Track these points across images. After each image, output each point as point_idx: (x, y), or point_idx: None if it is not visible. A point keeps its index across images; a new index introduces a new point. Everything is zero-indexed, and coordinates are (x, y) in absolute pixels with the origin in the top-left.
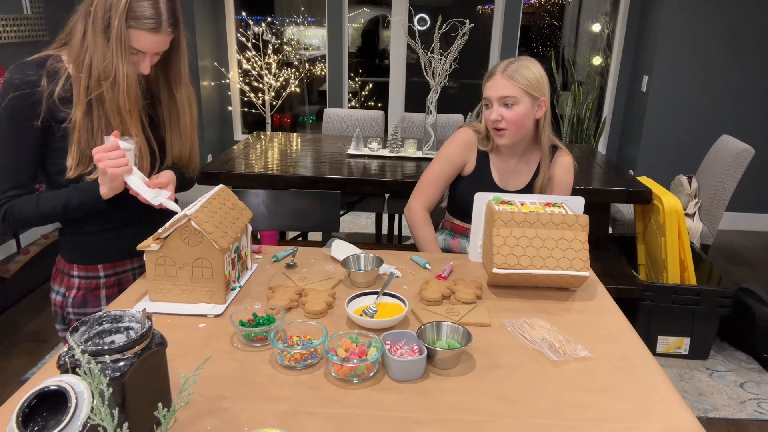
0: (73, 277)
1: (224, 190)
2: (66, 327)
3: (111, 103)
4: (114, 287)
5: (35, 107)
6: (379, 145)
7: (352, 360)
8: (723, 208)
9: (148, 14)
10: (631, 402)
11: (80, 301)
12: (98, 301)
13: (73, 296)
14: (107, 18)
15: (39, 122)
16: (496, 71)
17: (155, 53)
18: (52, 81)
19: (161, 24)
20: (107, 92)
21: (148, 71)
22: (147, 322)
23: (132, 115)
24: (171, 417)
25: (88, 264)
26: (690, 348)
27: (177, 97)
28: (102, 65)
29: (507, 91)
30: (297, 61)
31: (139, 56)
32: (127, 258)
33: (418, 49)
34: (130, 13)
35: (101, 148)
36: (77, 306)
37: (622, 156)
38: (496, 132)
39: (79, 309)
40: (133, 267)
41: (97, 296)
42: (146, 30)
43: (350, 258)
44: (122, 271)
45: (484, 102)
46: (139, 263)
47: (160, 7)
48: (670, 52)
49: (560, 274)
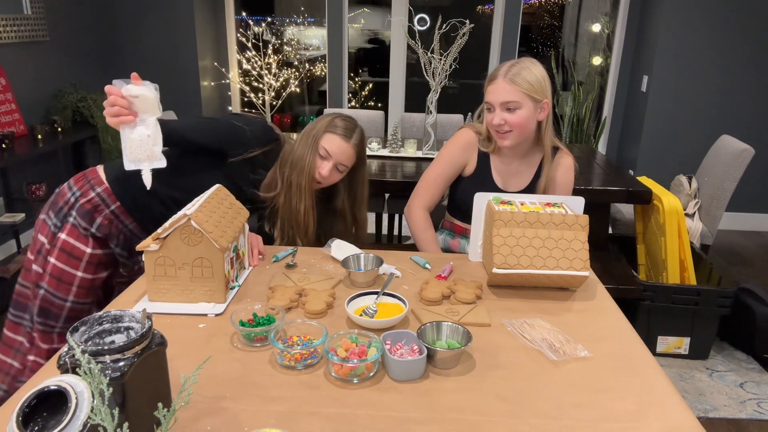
0: (93, 191)
1: (221, 190)
2: (59, 225)
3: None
4: (108, 221)
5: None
6: (379, 145)
7: (352, 360)
8: (723, 208)
9: (342, 125)
10: (631, 402)
11: (84, 212)
12: (92, 222)
13: (81, 204)
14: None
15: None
16: (497, 75)
17: (340, 163)
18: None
19: (351, 137)
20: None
21: (326, 174)
22: (147, 322)
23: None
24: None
25: (116, 195)
26: (690, 348)
27: (358, 216)
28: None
29: (509, 96)
30: (297, 61)
31: (323, 161)
32: (135, 216)
33: (418, 49)
34: (330, 125)
35: (108, 89)
36: (81, 215)
37: (622, 156)
38: (499, 135)
39: (80, 218)
40: (129, 227)
41: (95, 218)
42: (338, 135)
43: (350, 258)
44: (123, 220)
45: (486, 105)
46: (133, 228)
47: (354, 129)
48: (670, 52)
49: (560, 274)
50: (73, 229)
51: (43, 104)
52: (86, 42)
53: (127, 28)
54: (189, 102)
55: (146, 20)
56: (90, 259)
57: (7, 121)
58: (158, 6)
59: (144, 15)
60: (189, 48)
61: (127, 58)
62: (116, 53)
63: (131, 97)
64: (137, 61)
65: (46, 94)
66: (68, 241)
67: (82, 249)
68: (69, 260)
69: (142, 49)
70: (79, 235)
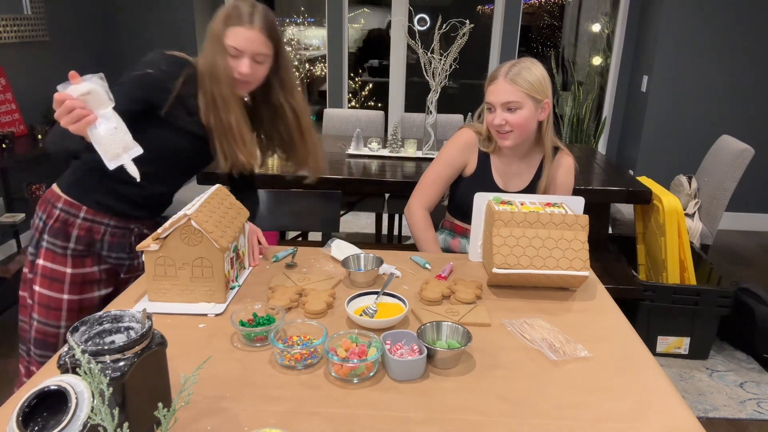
0: (56, 208)
1: (221, 190)
2: (35, 253)
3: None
4: (84, 231)
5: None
6: (379, 145)
7: (352, 360)
8: (723, 208)
9: (238, 14)
10: (631, 402)
11: (55, 231)
12: (69, 237)
13: (51, 225)
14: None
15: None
16: (498, 75)
17: (256, 54)
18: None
19: (253, 21)
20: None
21: (247, 70)
22: (147, 322)
23: (230, 104)
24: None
25: (76, 200)
26: (690, 348)
27: (294, 104)
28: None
29: (510, 96)
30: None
31: (238, 59)
32: (108, 214)
33: (418, 49)
34: (227, 20)
35: (55, 102)
36: (51, 235)
37: (622, 156)
38: (500, 135)
39: (52, 238)
40: (108, 223)
41: (69, 233)
42: (240, 26)
43: (350, 258)
44: (98, 221)
45: (486, 105)
46: (114, 222)
47: (254, 11)
48: (670, 52)
49: (560, 274)
50: (48, 252)
51: (43, 104)
52: (86, 42)
53: (127, 28)
54: None
55: (146, 20)
56: (73, 280)
57: (7, 121)
58: (158, 6)
59: (144, 15)
60: (189, 48)
61: (127, 58)
62: (116, 53)
63: (83, 96)
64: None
65: (46, 94)
66: (46, 265)
67: (62, 270)
68: (52, 284)
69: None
70: (56, 257)
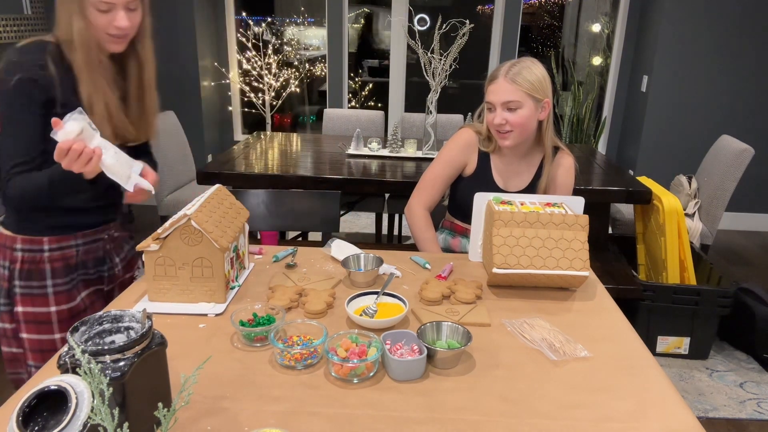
0: (16, 251)
1: (221, 190)
2: (9, 302)
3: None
4: (58, 261)
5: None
6: (379, 145)
7: (352, 360)
8: (723, 208)
9: None
10: (631, 402)
11: (26, 274)
12: (43, 274)
13: (19, 269)
14: None
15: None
16: (498, 75)
17: (127, 4)
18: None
19: None
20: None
21: (127, 23)
22: (147, 322)
23: (91, 72)
24: (171, 417)
25: (32, 236)
26: (690, 348)
27: (140, 52)
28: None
29: (510, 95)
30: (297, 61)
31: (110, 13)
32: (72, 233)
33: (418, 49)
34: None
35: (59, 154)
36: (24, 279)
37: (622, 156)
38: (500, 134)
39: (25, 282)
40: (77, 243)
41: (42, 270)
42: None
43: (350, 258)
44: (66, 246)
45: (486, 105)
46: (83, 239)
47: None
48: (670, 52)
49: (560, 274)
50: (26, 298)
51: None
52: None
53: None
54: (189, 102)
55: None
56: (60, 317)
57: None
58: (158, 6)
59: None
60: (189, 48)
61: None
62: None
63: (78, 136)
64: None
65: None
66: (28, 311)
67: (46, 311)
68: (40, 328)
69: None
70: (35, 299)
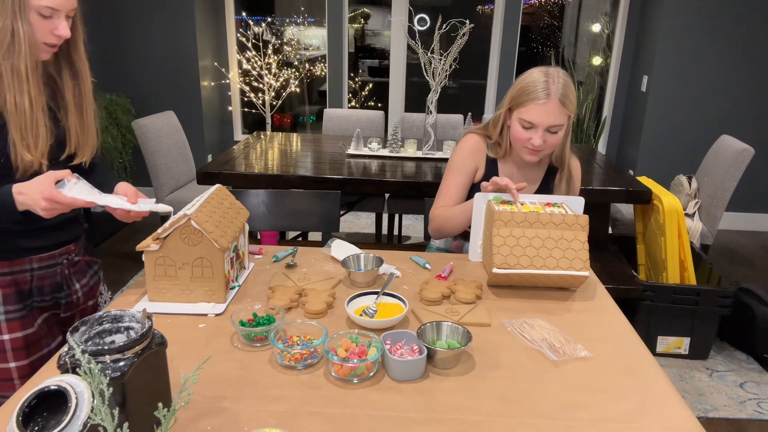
0: None
1: (221, 190)
2: None
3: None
4: (9, 287)
5: None
6: (379, 145)
7: (352, 360)
8: (723, 208)
9: None
10: (631, 402)
11: None
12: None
13: None
14: None
15: None
16: (546, 94)
17: (69, 10)
18: None
19: None
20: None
21: (68, 32)
22: (147, 322)
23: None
24: (171, 417)
25: None
26: (690, 348)
27: (76, 61)
28: None
29: (560, 119)
30: (297, 61)
31: (51, 20)
32: (25, 257)
33: (418, 49)
34: None
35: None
36: None
37: (622, 156)
38: (530, 151)
39: None
40: (32, 267)
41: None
42: None
43: (350, 258)
44: (19, 270)
45: (522, 123)
46: (39, 264)
47: None
48: (670, 52)
49: (560, 274)
50: None
51: None
52: (86, 42)
53: (127, 29)
54: (189, 102)
55: (147, 20)
56: (14, 346)
57: None
58: (159, 6)
59: (145, 15)
60: (189, 48)
61: (127, 58)
62: (117, 53)
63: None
64: (137, 61)
65: None
66: None
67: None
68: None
69: (142, 49)
70: None
